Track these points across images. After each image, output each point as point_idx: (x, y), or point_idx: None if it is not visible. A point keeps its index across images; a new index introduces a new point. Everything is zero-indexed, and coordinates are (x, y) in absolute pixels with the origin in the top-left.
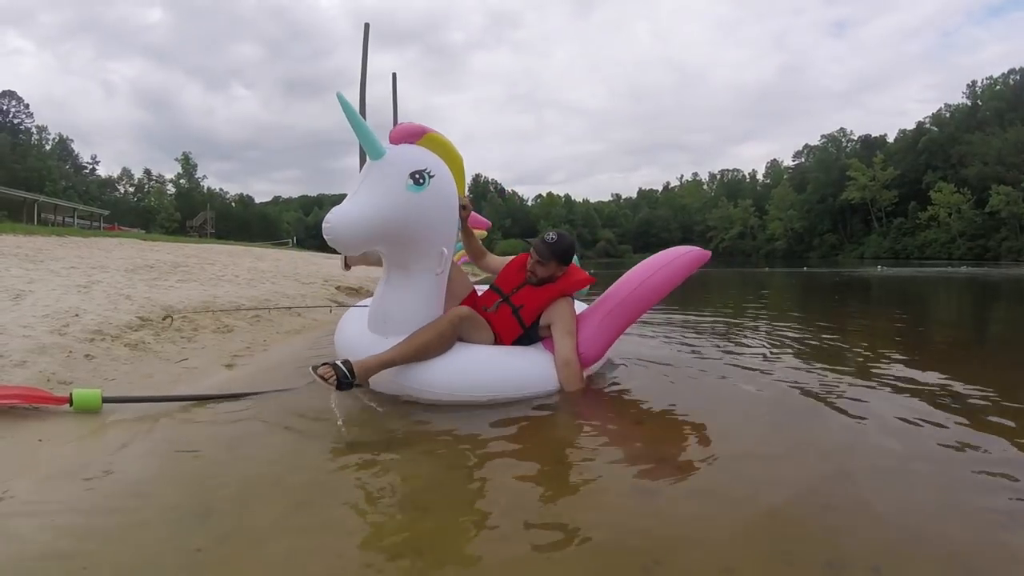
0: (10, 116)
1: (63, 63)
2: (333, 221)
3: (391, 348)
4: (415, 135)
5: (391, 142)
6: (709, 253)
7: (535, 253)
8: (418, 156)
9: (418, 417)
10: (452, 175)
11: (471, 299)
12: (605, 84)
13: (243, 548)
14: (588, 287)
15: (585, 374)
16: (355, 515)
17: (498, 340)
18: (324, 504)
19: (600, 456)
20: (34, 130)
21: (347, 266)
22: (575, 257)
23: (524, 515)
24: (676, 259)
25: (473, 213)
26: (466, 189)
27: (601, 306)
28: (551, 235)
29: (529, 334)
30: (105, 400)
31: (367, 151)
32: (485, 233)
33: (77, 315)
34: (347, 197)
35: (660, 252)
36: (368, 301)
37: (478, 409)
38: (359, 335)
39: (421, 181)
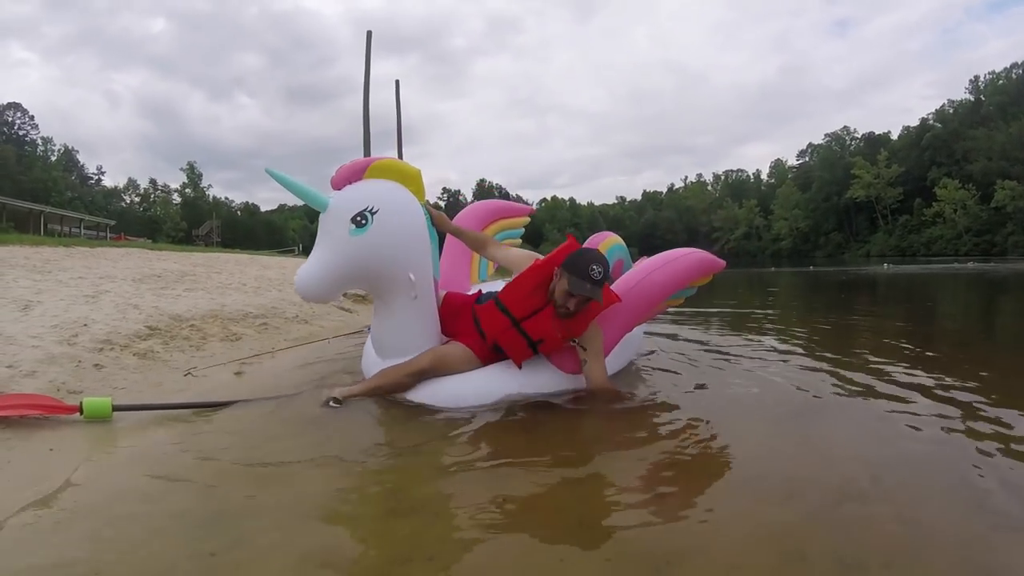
0: (15, 127)
1: (67, 74)
2: (298, 283)
3: (367, 380)
4: (358, 172)
5: (333, 188)
6: (722, 263)
7: (592, 296)
8: (358, 196)
9: (427, 423)
10: (409, 195)
11: (445, 305)
12: (606, 88)
13: (256, 553)
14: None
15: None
16: (366, 520)
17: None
18: (335, 509)
19: (609, 458)
20: (39, 141)
21: None
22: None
23: (534, 518)
24: (672, 262)
25: (505, 203)
26: (425, 197)
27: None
28: (596, 271)
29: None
30: (115, 408)
31: (313, 206)
32: (527, 220)
33: (86, 325)
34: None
35: (660, 253)
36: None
37: (487, 414)
38: (371, 358)
39: (363, 222)
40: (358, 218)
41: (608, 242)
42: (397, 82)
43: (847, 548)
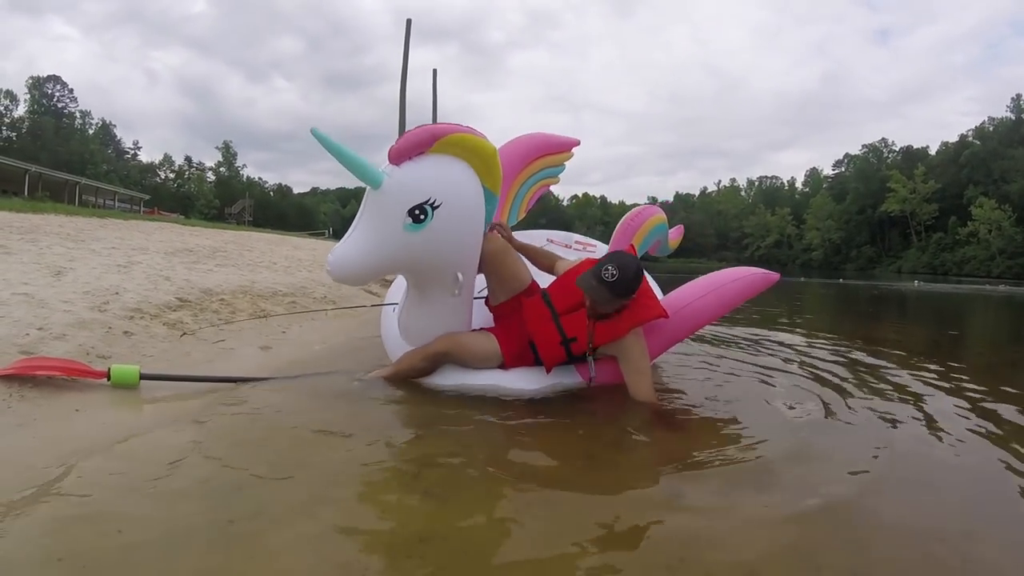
0: (54, 100)
1: (107, 51)
2: (332, 264)
3: (388, 368)
4: (423, 144)
5: (390, 161)
6: (775, 277)
7: (593, 296)
8: (420, 183)
9: (450, 408)
10: (477, 181)
11: (528, 292)
12: (643, 87)
13: (273, 523)
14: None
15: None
16: (383, 498)
17: (506, 345)
18: (353, 486)
19: (629, 454)
20: (78, 115)
21: None
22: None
23: (548, 507)
24: (732, 282)
25: (547, 137)
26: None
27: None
28: (610, 272)
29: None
30: (143, 377)
31: (362, 181)
32: (571, 154)
33: (117, 293)
34: (349, 229)
35: (714, 273)
36: (395, 291)
37: (511, 402)
38: (394, 337)
39: (422, 217)
40: (416, 212)
41: (653, 221)
42: (435, 71)
43: (859, 558)
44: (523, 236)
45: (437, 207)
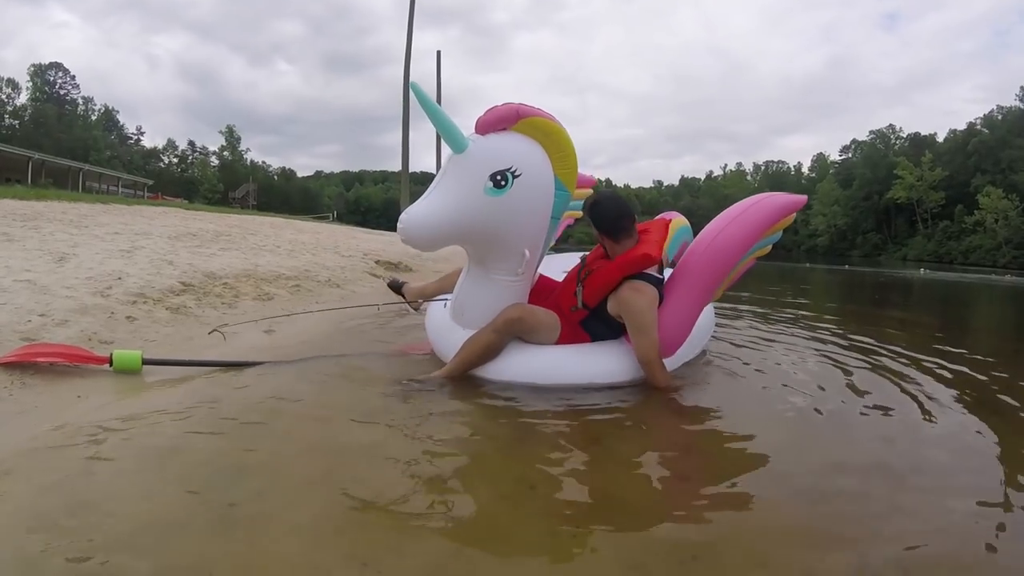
0: (57, 87)
1: (108, 37)
2: (406, 222)
3: (449, 363)
4: (507, 121)
5: (476, 131)
6: (803, 199)
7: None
8: (503, 152)
9: (460, 393)
10: (552, 166)
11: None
12: (648, 69)
13: (275, 506)
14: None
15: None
16: (386, 483)
17: (561, 320)
18: (357, 469)
19: (643, 450)
20: (80, 101)
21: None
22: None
23: (562, 501)
24: (751, 206)
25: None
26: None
27: (673, 276)
28: (596, 197)
29: (597, 317)
30: (145, 362)
31: (447, 143)
32: (590, 191)
33: (120, 278)
34: (425, 192)
35: (732, 205)
36: (447, 295)
37: (531, 394)
38: (443, 323)
39: (503, 183)
40: (498, 177)
41: (676, 224)
42: (439, 53)
43: (867, 551)
44: (559, 258)
45: (518, 176)
